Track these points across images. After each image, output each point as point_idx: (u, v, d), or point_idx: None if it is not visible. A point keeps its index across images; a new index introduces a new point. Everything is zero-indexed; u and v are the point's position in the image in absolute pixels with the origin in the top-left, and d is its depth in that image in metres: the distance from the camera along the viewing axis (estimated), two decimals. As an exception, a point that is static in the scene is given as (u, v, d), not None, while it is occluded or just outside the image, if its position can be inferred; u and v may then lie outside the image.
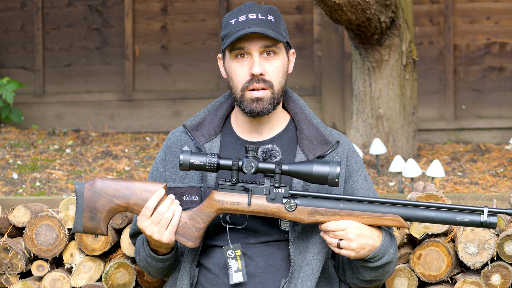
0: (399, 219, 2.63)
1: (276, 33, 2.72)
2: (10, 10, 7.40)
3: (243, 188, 2.64)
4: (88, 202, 2.64)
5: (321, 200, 2.64)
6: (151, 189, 2.65)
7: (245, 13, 2.73)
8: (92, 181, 2.65)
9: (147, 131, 7.12)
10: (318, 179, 2.59)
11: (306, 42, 7.03)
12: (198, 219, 2.65)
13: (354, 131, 5.46)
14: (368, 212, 2.63)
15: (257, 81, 2.72)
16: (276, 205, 2.64)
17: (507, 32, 6.81)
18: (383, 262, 2.70)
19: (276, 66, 2.75)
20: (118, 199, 2.64)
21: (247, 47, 2.72)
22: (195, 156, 2.60)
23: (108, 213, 2.65)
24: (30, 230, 3.37)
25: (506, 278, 3.22)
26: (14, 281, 3.42)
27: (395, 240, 2.75)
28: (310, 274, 2.70)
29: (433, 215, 2.62)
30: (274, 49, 2.74)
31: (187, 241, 2.65)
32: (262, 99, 2.73)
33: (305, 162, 2.60)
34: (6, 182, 4.88)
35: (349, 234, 2.62)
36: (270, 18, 2.73)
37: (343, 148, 2.84)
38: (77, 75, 7.32)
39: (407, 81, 5.45)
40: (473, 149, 6.12)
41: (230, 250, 2.72)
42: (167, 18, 7.23)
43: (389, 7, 5.02)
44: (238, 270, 2.71)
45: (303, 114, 2.85)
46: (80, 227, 2.65)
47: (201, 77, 7.18)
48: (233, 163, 2.60)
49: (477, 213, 2.61)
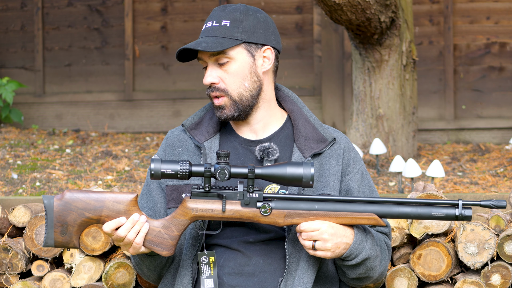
0: (375, 217, 2.63)
1: (217, 42, 2.72)
2: (10, 10, 7.40)
3: (217, 195, 2.62)
4: (59, 217, 2.59)
5: (296, 202, 2.64)
6: (122, 200, 2.61)
7: (208, 20, 2.78)
8: (61, 194, 2.61)
9: (147, 131, 7.12)
10: (293, 181, 2.59)
11: (306, 42, 7.03)
12: (172, 227, 2.63)
13: (354, 131, 5.46)
14: (344, 212, 2.63)
15: (211, 90, 2.76)
16: (251, 210, 2.63)
17: (507, 32, 6.81)
18: (361, 259, 2.69)
19: (231, 71, 2.75)
20: (89, 212, 2.60)
21: (202, 57, 2.77)
22: (166, 165, 2.58)
23: (79, 227, 2.61)
24: (30, 230, 3.37)
25: (506, 278, 3.22)
26: (14, 281, 3.42)
27: (371, 235, 2.73)
28: (307, 271, 2.70)
29: (408, 211, 2.62)
30: (223, 56, 2.75)
31: (162, 250, 2.63)
32: (223, 107, 2.76)
33: (279, 165, 2.60)
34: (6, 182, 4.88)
35: (324, 234, 2.62)
36: (225, 24, 2.74)
37: (340, 145, 2.84)
38: (77, 75, 7.32)
39: (407, 81, 5.45)
40: (473, 149, 6.12)
41: (204, 256, 2.72)
42: (167, 18, 7.24)
43: (389, 7, 5.02)
44: (210, 276, 2.71)
45: (299, 112, 2.86)
46: (52, 241, 2.61)
47: (201, 77, 7.18)
48: (205, 170, 2.59)
49: (452, 207, 2.62)
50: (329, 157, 2.80)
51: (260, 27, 2.77)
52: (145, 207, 2.85)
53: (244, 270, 2.74)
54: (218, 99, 2.76)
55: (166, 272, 2.83)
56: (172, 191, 2.79)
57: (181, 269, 2.77)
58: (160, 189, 2.85)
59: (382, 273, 2.82)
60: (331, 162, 2.80)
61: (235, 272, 2.74)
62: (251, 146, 2.81)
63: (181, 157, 2.83)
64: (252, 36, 2.75)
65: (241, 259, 2.75)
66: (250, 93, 2.77)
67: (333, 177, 2.79)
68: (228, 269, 2.75)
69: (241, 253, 2.75)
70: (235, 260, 2.75)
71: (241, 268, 2.74)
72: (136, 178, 4.95)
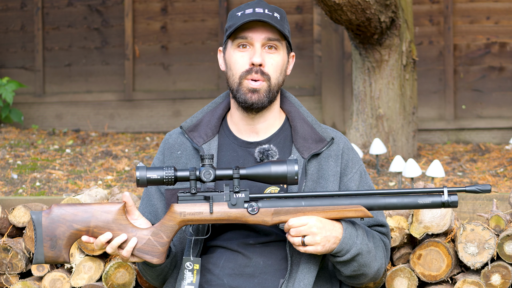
0: (362, 209, 2.63)
1: (281, 28, 2.74)
2: (10, 10, 7.40)
3: (203, 197, 2.63)
4: (47, 231, 2.58)
5: (283, 200, 2.64)
6: (110, 210, 2.61)
7: (252, 7, 2.76)
8: (49, 209, 2.61)
9: (147, 131, 7.12)
10: (278, 179, 2.59)
11: (306, 42, 7.03)
12: (161, 234, 2.63)
13: (354, 131, 5.46)
14: (331, 206, 2.63)
15: (255, 71, 2.73)
16: (239, 210, 2.63)
17: (507, 32, 6.81)
18: (352, 254, 2.67)
19: (276, 60, 2.76)
20: (78, 223, 2.59)
21: (251, 37, 2.74)
22: (152, 171, 2.58)
23: (68, 240, 2.60)
24: (30, 230, 3.37)
25: (506, 278, 3.22)
26: (14, 281, 3.42)
27: (362, 230, 2.73)
28: (308, 272, 2.70)
29: (394, 201, 2.64)
30: (276, 44, 2.75)
31: (152, 258, 2.63)
32: (258, 90, 2.74)
33: (263, 164, 2.60)
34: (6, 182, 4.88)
35: (312, 228, 2.61)
36: (276, 16, 2.75)
37: (338, 145, 2.84)
38: (77, 75, 7.32)
39: (407, 81, 5.45)
40: (473, 149, 6.13)
41: (189, 262, 2.72)
42: (167, 18, 7.24)
43: (389, 7, 5.02)
44: (190, 284, 2.71)
45: (297, 113, 2.86)
46: (42, 257, 2.60)
47: (201, 77, 7.18)
48: (190, 173, 2.59)
49: (437, 194, 2.63)
50: (328, 158, 2.80)
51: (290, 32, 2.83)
52: (145, 212, 2.85)
53: (244, 271, 2.74)
54: (257, 82, 2.74)
55: (170, 277, 2.83)
56: (172, 195, 2.79)
57: (181, 273, 2.76)
58: (160, 193, 2.85)
59: (378, 271, 2.79)
60: (330, 163, 2.80)
61: (235, 273, 2.74)
62: (250, 148, 2.81)
63: (180, 160, 2.82)
64: (289, 37, 2.80)
65: (241, 260, 2.75)
66: (277, 88, 2.79)
67: (332, 178, 2.79)
68: (228, 270, 2.75)
69: (241, 255, 2.75)
70: (235, 261, 2.75)
71: (241, 269, 2.74)
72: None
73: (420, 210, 3.18)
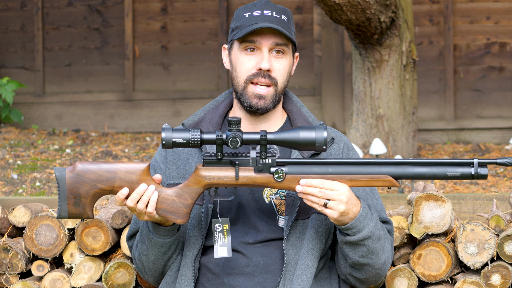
0: (390, 179, 2.61)
1: (288, 33, 2.74)
2: (10, 10, 7.40)
3: (229, 162, 2.60)
4: (71, 189, 2.59)
5: (310, 166, 2.61)
6: (134, 170, 2.60)
7: (260, 8, 2.75)
8: (73, 166, 2.60)
9: (147, 131, 7.12)
10: (306, 145, 2.56)
11: (306, 42, 7.03)
12: (186, 196, 2.62)
13: (354, 131, 5.46)
14: (358, 175, 2.61)
15: (262, 76, 2.73)
16: (264, 176, 2.60)
17: (507, 32, 6.81)
18: (363, 236, 2.65)
19: (283, 65, 2.76)
20: (102, 183, 2.60)
21: (259, 41, 2.73)
22: (178, 133, 2.56)
23: (92, 198, 2.61)
24: (30, 230, 3.37)
25: (506, 278, 3.22)
26: (14, 281, 3.42)
27: (376, 216, 2.70)
28: (305, 269, 2.70)
29: (423, 171, 2.61)
30: (283, 48, 2.75)
31: (176, 218, 2.63)
32: (265, 97, 2.74)
33: (291, 130, 2.57)
34: (6, 182, 4.88)
35: (341, 195, 2.58)
36: (284, 18, 2.75)
37: (339, 144, 2.84)
38: (77, 75, 7.32)
39: (407, 81, 5.45)
40: (473, 149, 6.12)
41: (219, 223, 2.71)
42: (167, 18, 7.24)
43: (389, 7, 5.02)
44: (223, 245, 2.70)
45: (298, 113, 2.86)
46: (65, 213, 2.61)
47: (201, 77, 7.18)
48: (216, 138, 2.56)
49: (467, 166, 2.61)
50: (328, 157, 2.80)
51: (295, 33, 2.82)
52: None
53: (245, 270, 2.74)
54: (264, 87, 2.74)
55: (169, 270, 2.81)
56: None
57: (182, 268, 2.76)
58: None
59: (384, 265, 2.77)
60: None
61: (235, 273, 2.74)
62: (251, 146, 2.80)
63: (181, 156, 2.83)
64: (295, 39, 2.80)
65: (241, 260, 2.75)
66: (282, 91, 2.80)
67: (333, 177, 2.78)
68: (229, 270, 2.75)
69: (241, 254, 2.75)
70: (235, 260, 2.75)
71: (241, 268, 2.74)
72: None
73: (420, 210, 3.18)
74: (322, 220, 2.77)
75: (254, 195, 2.77)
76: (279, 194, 2.78)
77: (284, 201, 2.77)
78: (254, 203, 2.77)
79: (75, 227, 3.35)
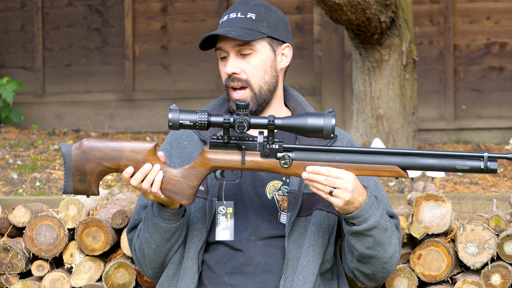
0: (398, 170, 2.57)
1: (245, 32, 2.72)
2: (10, 10, 7.40)
3: (236, 146, 2.59)
4: (77, 166, 2.60)
5: (317, 153, 2.59)
6: (140, 150, 2.60)
7: (229, 12, 2.78)
8: (79, 143, 2.61)
9: (147, 131, 7.12)
10: (313, 132, 2.53)
11: (306, 42, 7.03)
12: (191, 177, 2.62)
13: (354, 131, 5.46)
14: (366, 164, 2.58)
15: (232, 79, 2.75)
16: (271, 161, 2.59)
17: (507, 32, 6.81)
18: (370, 225, 2.62)
19: (253, 63, 2.75)
20: (108, 161, 2.60)
21: (223, 47, 2.76)
22: (185, 114, 2.55)
23: (98, 175, 2.62)
24: (30, 230, 3.37)
25: (506, 278, 3.22)
26: (14, 281, 3.42)
27: (382, 206, 2.67)
28: (306, 265, 2.69)
29: (432, 163, 2.56)
30: (248, 48, 2.75)
31: (181, 199, 2.62)
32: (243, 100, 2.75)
33: (299, 116, 2.55)
34: (6, 182, 4.88)
35: (347, 184, 2.55)
36: (250, 16, 2.75)
37: (342, 141, 2.84)
38: (77, 75, 7.32)
39: (407, 81, 5.45)
40: (473, 149, 6.13)
41: (222, 206, 2.70)
42: (167, 18, 7.24)
43: (389, 7, 5.02)
44: (225, 228, 2.70)
45: (302, 110, 2.86)
46: (71, 189, 2.62)
47: (201, 77, 7.18)
48: (224, 121, 2.55)
49: (477, 159, 2.55)
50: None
51: (281, 24, 2.80)
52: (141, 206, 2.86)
53: (245, 270, 2.74)
54: (239, 92, 2.75)
55: (170, 263, 2.80)
56: None
57: (186, 261, 2.74)
58: None
59: (392, 259, 2.72)
60: (335, 158, 2.80)
61: (236, 272, 2.74)
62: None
63: (186, 150, 2.83)
64: (275, 32, 2.77)
65: (242, 259, 2.75)
66: (268, 88, 2.77)
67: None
68: (229, 269, 2.75)
69: (242, 253, 2.75)
70: (236, 260, 2.75)
71: (242, 268, 2.74)
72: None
73: (420, 210, 3.18)
74: (325, 217, 2.76)
75: (256, 191, 2.77)
76: (282, 190, 2.77)
77: (286, 198, 2.76)
78: (257, 198, 2.77)
79: (75, 227, 3.35)
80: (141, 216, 2.84)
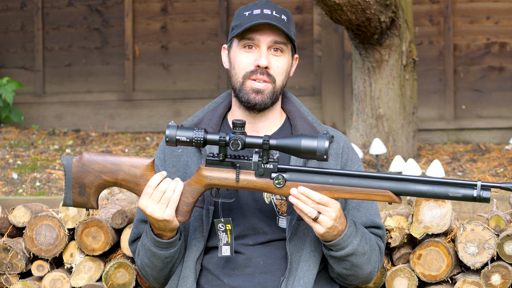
0: (390, 195, 2.59)
1: (288, 32, 2.74)
2: (10, 10, 7.40)
3: (231, 164, 2.62)
4: (77, 178, 2.65)
5: (311, 175, 2.61)
6: (138, 165, 2.65)
7: (260, 8, 2.76)
8: (80, 156, 2.66)
9: (147, 131, 7.12)
10: (307, 154, 2.55)
11: (306, 42, 7.03)
12: (187, 194, 2.65)
13: (354, 131, 5.46)
14: (359, 188, 2.59)
15: (261, 72, 2.74)
16: (265, 181, 2.61)
17: (507, 32, 6.81)
18: (346, 253, 2.66)
19: (282, 63, 2.77)
20: (106, 175, 2.65)
21: (258, 38, 2.74)
22: (182, 131, 2.58)
23: (97, 189, 2.67)
24: (30, 230, 3.37)
25: (506, 278, 3.22)
26: (14, 281, 3.42)
27: (361, 232, 2.71)
28: (307, 270, 2.70)
29: (425, 190, 2.57)
30: (282, 47, 2.76)
31: (177, 215, 2.65)
32: (263, 91, 2.74)
33: (294, 137, 2.57)
34: (6, 182, 4.88)
35: (332, 212, 2.58)
36: (284, 18, 2.76)
37: (338, 144, 2.84)
38: (77, 75, 7.32)
39: (407, 81, 5.45)
40: (473, 149, 6.13)
41: (221, 223, 2.71)
42: (167, 18, 7.24)
43: (389, 7, 5.02)
44: (227, 244, 2.71)
45: (297, 112, 2.87)
46: (70, 201, 2.67)
47: (201, 77, 7.18)
48: (219, 139, 2.58)
49: (470, 187, 2.57)
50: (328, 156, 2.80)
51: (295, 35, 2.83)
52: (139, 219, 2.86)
53: (244, 271, 2.74)
54: (262, 83, 2.74)
55: (173, 274, 2.82)
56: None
57: (184, 270, 2.76)
58: None
59: (371, 274, 2.79)
60: (330, 161, 2.81)
61: (235, 274, 2.74)
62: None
63: (181, 158, 2.82)
64: (295, 40, 2.80)
65: (241, 261, 2.75)
66: (280, 90, 2.80)
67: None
68: (228, 270, 2.75)
69: (241, 255, 2.75)
70: (235, 261, 2.75)
71: (241, 269, 2.74)
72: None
73: (420, 210, 3.18)
74: None
75: (254, 195, 2.77)
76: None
77: (284, 201, 2.77)
78: (254, 203, 2.77)
79: (75, 227, 3.35)
80: (140, 230, 2.86)
